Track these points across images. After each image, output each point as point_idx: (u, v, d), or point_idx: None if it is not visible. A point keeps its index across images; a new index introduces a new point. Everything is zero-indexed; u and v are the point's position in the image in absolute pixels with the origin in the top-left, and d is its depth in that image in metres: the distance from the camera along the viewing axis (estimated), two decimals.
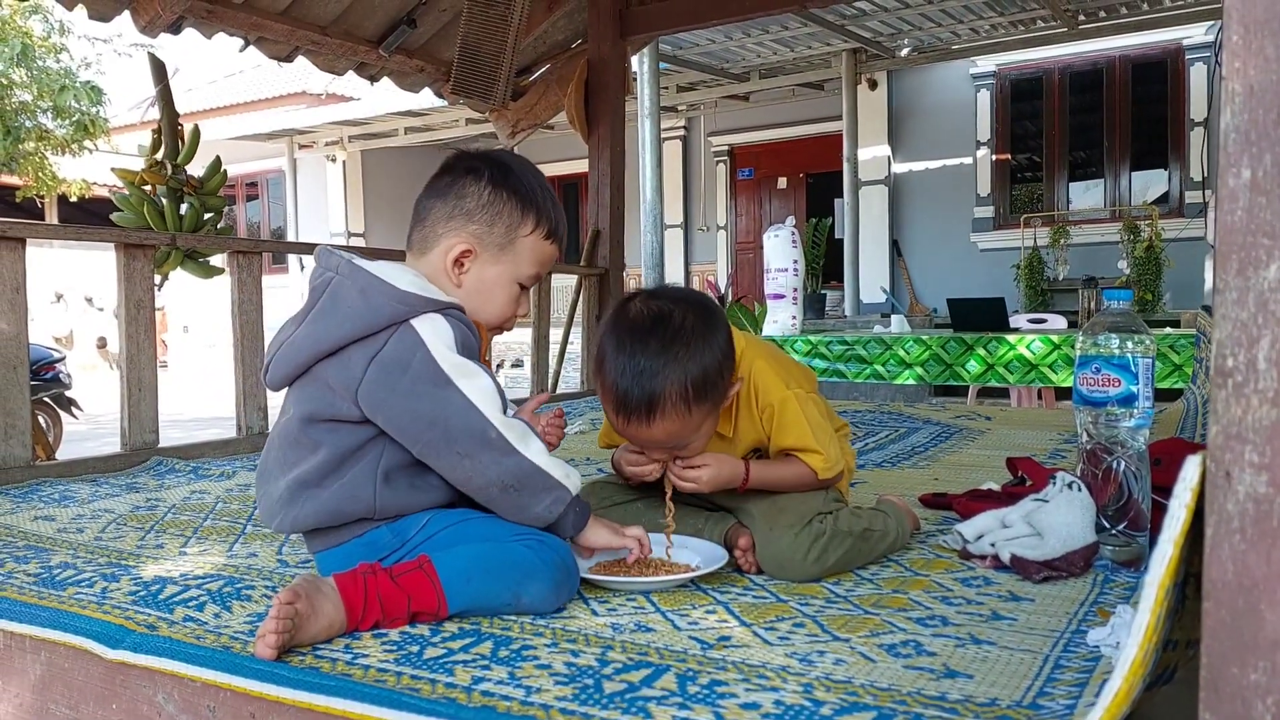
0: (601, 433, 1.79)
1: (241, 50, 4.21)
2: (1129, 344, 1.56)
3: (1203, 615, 0.71)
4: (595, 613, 1.39)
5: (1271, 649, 0.68)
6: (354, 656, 1.22)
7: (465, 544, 1.40)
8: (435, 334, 1.42)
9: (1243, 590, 0.69)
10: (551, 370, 4.83)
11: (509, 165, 1.59)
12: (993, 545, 1.59)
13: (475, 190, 1.54)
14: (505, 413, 1.44)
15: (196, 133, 3.90)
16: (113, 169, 3.69)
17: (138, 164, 3.79)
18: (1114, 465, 1.57)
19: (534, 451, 1.42)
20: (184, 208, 3.69)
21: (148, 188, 3.70)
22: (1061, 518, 1.53)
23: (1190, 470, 0.75)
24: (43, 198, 13.23)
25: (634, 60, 7.37)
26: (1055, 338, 4.28)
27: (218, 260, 3.63)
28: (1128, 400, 1.55)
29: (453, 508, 1.49)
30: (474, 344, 1.49)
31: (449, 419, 1.39)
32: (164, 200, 3.69)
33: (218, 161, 3.86)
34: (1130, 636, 0.76)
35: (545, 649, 1.23)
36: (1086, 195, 10.86)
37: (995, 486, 2.05)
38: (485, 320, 1.60)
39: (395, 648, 1.25)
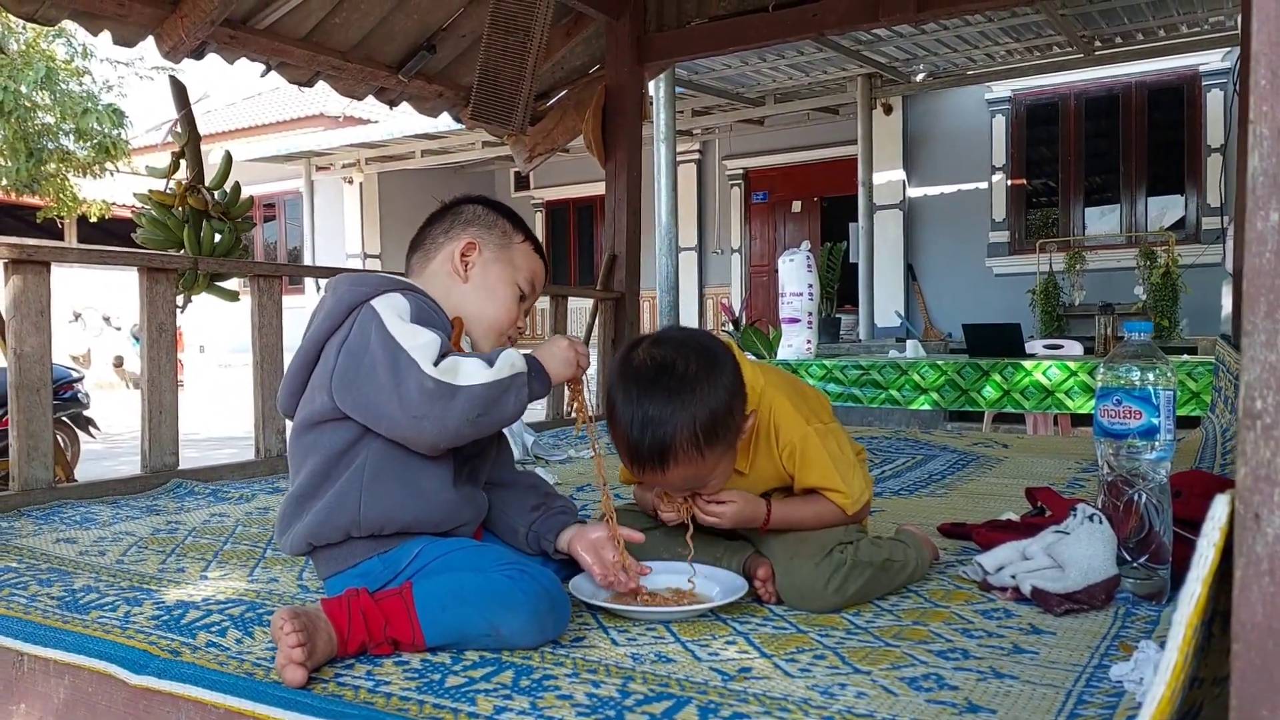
0: (623, 467, 1.80)
1: (263, 75, 4.26)
2: (1150, 376, 1.55)
3: (1232, 657, 0.71)
4: (615, 642, 1.39)
5: None
6: (376, 684, 1.22)
7: (449, 573, 1.41)
8: (390, 307, 1.48)
9: (1272, 633, 0.69)
10: (568, 393, 4.83)
11: (495, 199, 1.77)
12: (1013, 577, 1.58)
13: (470, 208, 1.71)
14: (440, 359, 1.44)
15: (228, 158, 3.93)
16: (149, 191, 3.70)
17: (151, 185, 3.81)
18: (1135, 498, 1.57)
19: (472, 374, 1.41)
20: (218, 235, 3.71)
21: (177, 210, 3.71)
22: (1083, 550, 1.52)
23: (1219, 509, 0.75)
24: (63, 219, 13.35)
25: (650, 85, 7.42)
26: (1072, 364, 4.27)
27: (231, 284, 3.64)
28: (1149, 433, 1.55)
29: (449, 535, 1.51)
30: (435, 319, 1.53)
31: (400, 384, 1.40)
32: (189, 223, 3.71)
33: (238, 186, 3.89)
34: (1158, 674, 0.76)
35: (566, 679, 1.23)
36: (1102, 221, 10.84)
37: (1014, 517, 2.05)
38: (493, 320, 1.66)
39: (417, 675, 1.25)
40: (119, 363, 16.30)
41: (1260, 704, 0.70)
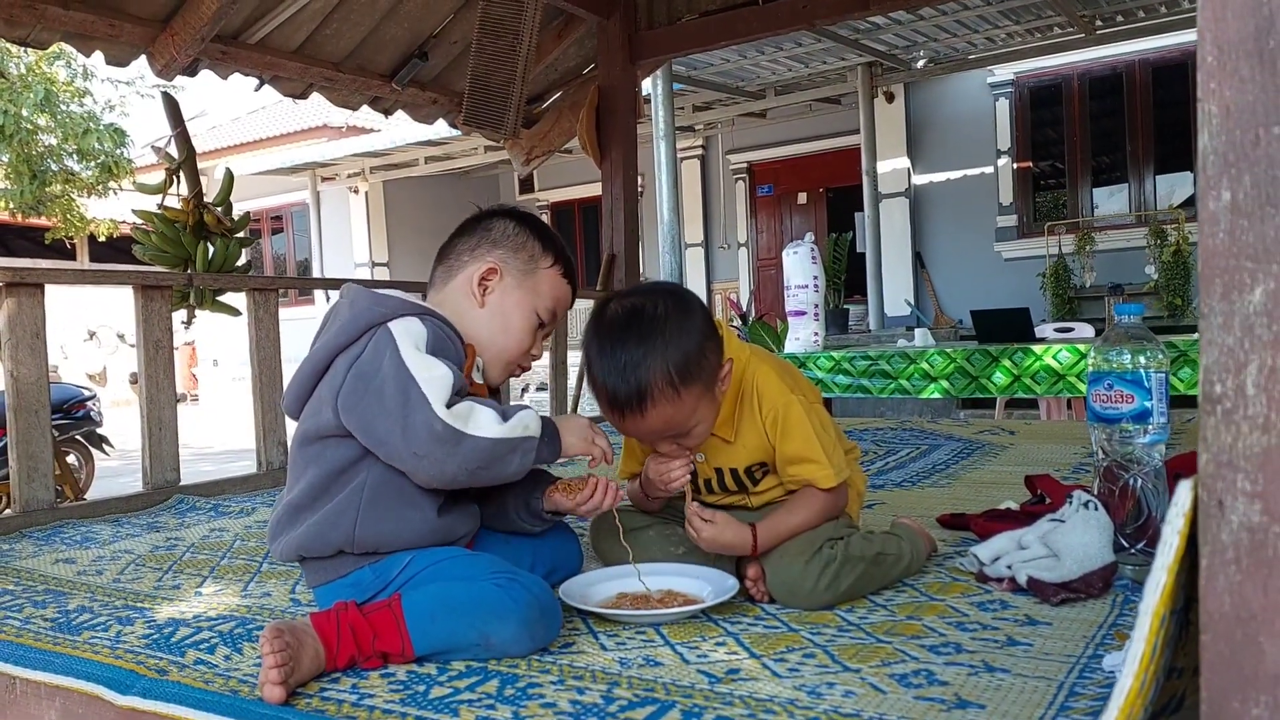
0: (621, 463, 1.79)
1: (257, 89, 4.26)
2: (1141, 359, 1.53)
3: (1200, 648, 0.69)
4: (604, 647, 1.38)
5: (1272, 683, 0.66)
6: (360, 697, 1.21)
7: (439, 583, 1.40)
8: (406, 334, 1.45)
9: (1240, 622, 0.67)
10: (571, 394, 4.83)
11: (532, 214, 1.72)
12: (1009, 567, 1.56)
13: (501, 225, 1.66)
14: (455, 399, 1.42)
15: (230, 175, 3.95)
16: (162, 208, 3.71)
17: (150, 202, 3.82)
18: (1131, 483, 1.55)
19: (483, 426, 1.40)
20: (224, 249, 3.71)
21: (184, 227, 3.71)
22: (1078, 538, 1.50)
23: (1182, 494, 0.73)
24: (72, 239, 13.43)
25: (647, 82, 7.39)
26: (1082, 347, 4.23)
27: (227, 299, 3.64)
28: (1141, 416, 1.52)
29: (441, 546, 1.50)
30: (450, 349, 1.50)
31: (408, 416, 1.38)
32: (201, 240, 3.72)
33: (230, 205, 3.90)
34: (1125, 666, 0.74)
35: (551, 686, 1.22)
36: (1111, 200, 10.75)
37: (1014, 505, 2.03)
38: (502, 350, 1.63)
39: (402, 687, 1.24)
40: (134, 380, 16.37)
41: (1230, 695, 0.68)
